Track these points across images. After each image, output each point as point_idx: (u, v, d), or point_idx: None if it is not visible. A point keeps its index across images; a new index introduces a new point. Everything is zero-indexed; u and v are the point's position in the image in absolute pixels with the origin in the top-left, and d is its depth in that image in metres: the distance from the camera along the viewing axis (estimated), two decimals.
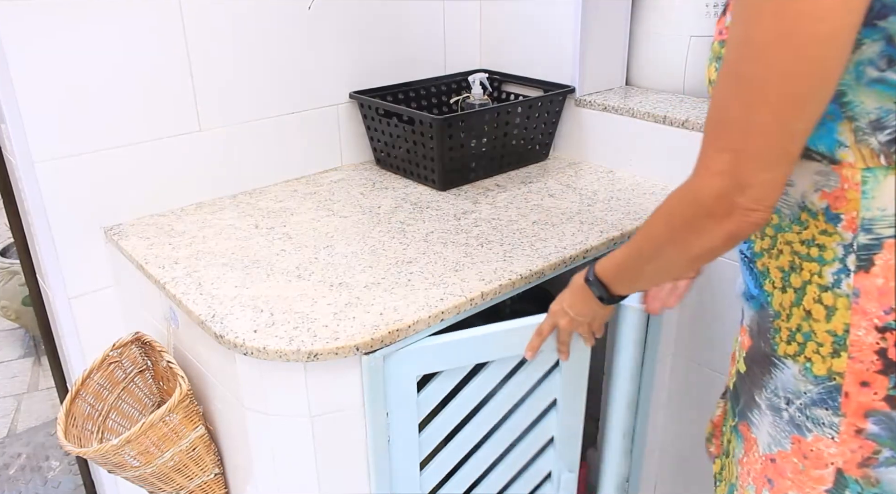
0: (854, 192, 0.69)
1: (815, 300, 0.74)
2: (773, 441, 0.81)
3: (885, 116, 0.66)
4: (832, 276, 0.72)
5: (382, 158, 1.59)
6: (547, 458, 1.23)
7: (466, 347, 1.05)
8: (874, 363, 0.70)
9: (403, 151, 1.50)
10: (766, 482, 0.83)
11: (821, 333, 0.74)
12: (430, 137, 1.40)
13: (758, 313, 0.83)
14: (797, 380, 0.77)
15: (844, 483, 0.75)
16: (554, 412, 1.19)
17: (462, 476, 1.16)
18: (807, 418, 0.77)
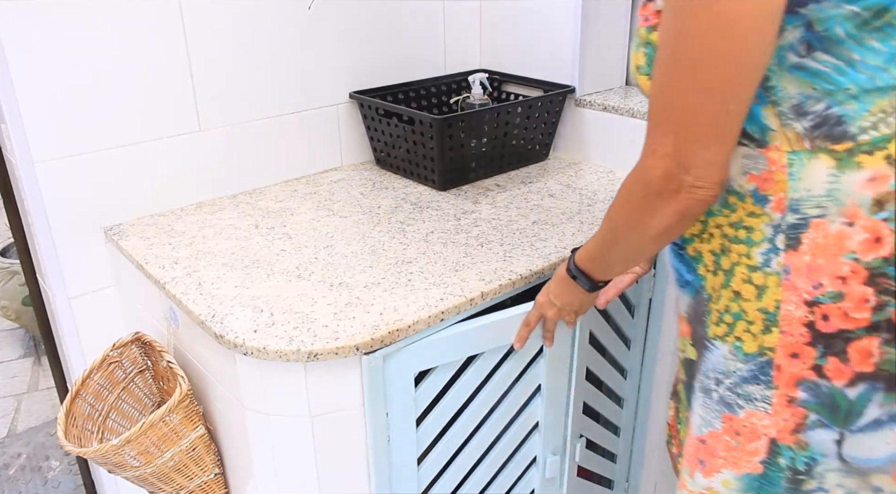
0: (781, 174, 0.72)
1: (745, 281, 0.77)
2: (703, 422, 0.85)
3: (804, 101, 0.69)
4: (761, 256, 0.75)
5: (382, 158, 1.58)
6: (533, 443, 1.24)
7: (460, 340, 1.05)
8: (803, 335, 0.74)
9: (403, 152, 1.49)
10: (697, 463, 0.86)
11: (752, 312, 0.77)
12: (430, 137, 1.40)
13: (693, 298, 0.86)
14: (727, 360, 0.80)
15: (778, 450, 0.79)
16: (539, 397, 1.20)
17: (457, 466, 1.16)
18: (738, 395, 0.80)
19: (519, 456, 1.23)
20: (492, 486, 1.22)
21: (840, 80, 0.67)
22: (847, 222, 0.70)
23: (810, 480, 0.79)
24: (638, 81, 0.81)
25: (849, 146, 0.69)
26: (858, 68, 0.67)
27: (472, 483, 1.19)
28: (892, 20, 0.65)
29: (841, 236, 0.70)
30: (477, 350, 1.08)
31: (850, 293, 0.71)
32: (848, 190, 0.69)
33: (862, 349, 0.72)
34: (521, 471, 1.26)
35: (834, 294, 0.72)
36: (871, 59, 0.66)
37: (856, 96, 0.68)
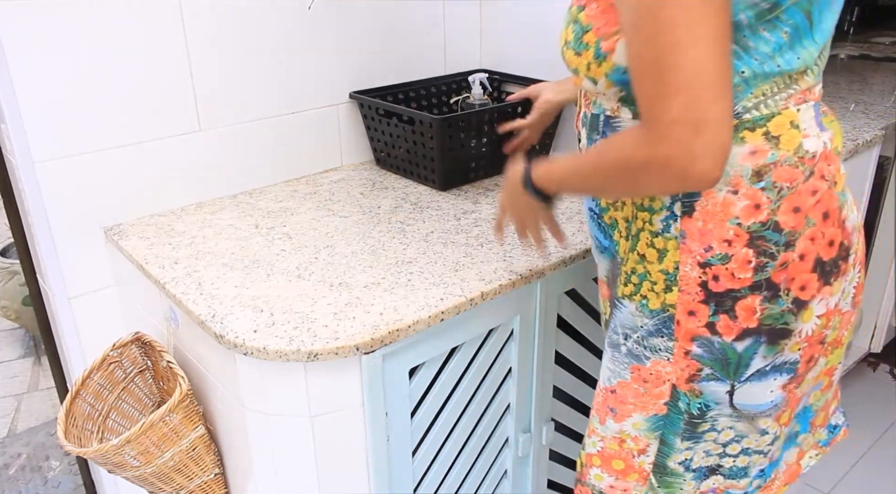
0: None
1: (648, 245, 0.85)
2: (612, 374, 0.94)
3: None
4: (661, 222, 0.83)
5: (382, 158, 1.58)
6: (505, 425, 1.27)
7: (446, 332, 1.07)
8: (698, 294, 0.82)
9: (403, 152, 1.49)
10: (608, 411, 0.96)
11: (654, 273, 0.85)
12: (430, 137, 1.39)
13: (611, 261, 0.95)
14: (634, 316, 0.89)
15: (677, 395, 0.88)
16: (510, 380, 1.23)
17: (444, 456, 1.17)
18: (645, 347, 0.89)
19: (494, 440, 1.26)
20: (472, 470, 1.24)
21: (736, 64, 0.74)
22: (732, 191, 0.78)
23: (704, 423, 0.89)
24: (565, 55, 0.85)
25: (734, 123, 0.76)
26: (752, 54, 0.74)
27: (456, 470, 1.20)
28: (781, 15, 0.72)
29: (727, 202, 0.78)
30: (462, 340, 1.10)
31: (735, 255, 0.79)
32: (732, 162, 0.77)
33: (747, 307, 0.81)
34: (496, 453, 1.28)
35: (722, 256, 0.80)
36: (762, 47, 0.73)
37: (746, 80, 0.75)
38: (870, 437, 2.09)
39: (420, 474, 1.14)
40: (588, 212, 0.97)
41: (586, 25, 0.79)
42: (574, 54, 0.82)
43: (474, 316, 1.09)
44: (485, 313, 1.10)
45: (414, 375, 1.06)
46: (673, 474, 0.94)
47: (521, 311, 1.17)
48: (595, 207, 0.94)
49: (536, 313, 1.19)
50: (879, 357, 2.39)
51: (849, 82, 2.18)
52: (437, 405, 1.12)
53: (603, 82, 0.81)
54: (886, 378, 2.37)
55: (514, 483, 1.32)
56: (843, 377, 2.21)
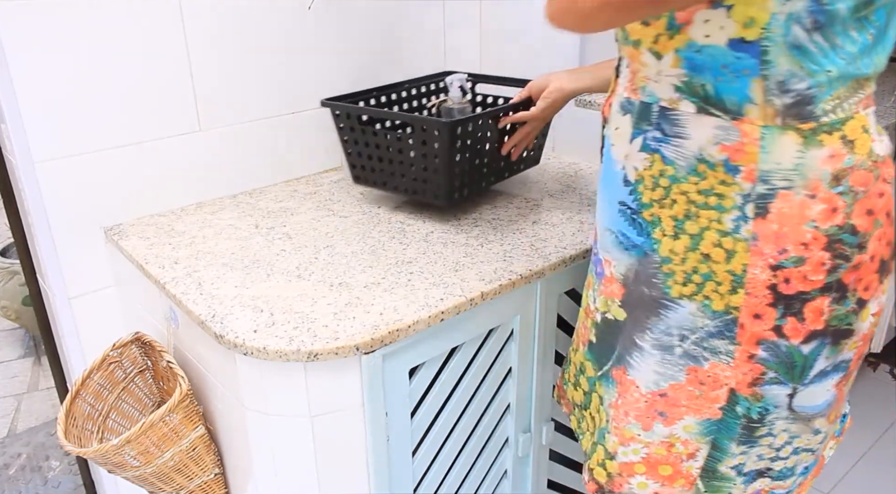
0: (753, 146, 0.76)
1: (715, 245, 0.81)
2: (661, 377, 0.90)
3: (789, 79, 0.73)
4: (731, 222, 0.79)
5: (363, 174, 1.37)
6: (505, 425, 1.26)
7: (447, 332, 1.06)
8: (766, 297, 0.80)
9: (398, 164, 1.30)
10: (655, 415, 0.91)
11: (721, 273, 0.81)
12: (434, 145, 1.22)
13: (639, 260, 0.89)
14: (694, 317, 0.85)
15: (735, 399, 0.86)
16: (510, 380, 1.22)
17: (444, 456, 1.17)
18: (704, 349, 0.85)
19: (494, 440, 1.26)
20: (472, 470, 1.24)
21: (824, 62, 0.72)
22: (809, 195, 0.76)
23: (762, 427, 0.87)
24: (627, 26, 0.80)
25: (812, 126, 0.74)
26: (839, 54, 0.72)
27: (456, 470, 1.20)
28: (870, 14, 0.71)
29: (803, 205, 0.76)
30: (462, 340, 1.10)
31: (810, 258, 0.77)
32: (811, 165, 0.75)
33: (815, 309, 0.80)
34: (496, 453, 1.28)
35: (796, 259, 0.78)
36: (849, 46, 0.72)
37: (830, 80, 0.73)
38: (870, 437, 2.09)
39: (420, 474, 1.14)
40: (617, 206, 0.90)
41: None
42: (640, 22, 0.77)
43: (474, 316, 1.09)
44: (485, 313, 1.10)
45: (414, 375, 1.06)
46: (723, 478, 0.92)
47: (521, 311, 1.17)
48: (632, 202, 0.88)
49: (536, 313, 1.19)
50: (879, 357, 2.39)
51: None
52: (437, 405, 1.12)
53: (669, 59, 0.77)
54: (886, 378, 2.37)
55: (514, 483, 1.32)
56: None
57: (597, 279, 0.98)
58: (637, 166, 0.85)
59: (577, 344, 1.08)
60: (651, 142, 0.83)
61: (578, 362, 1.07)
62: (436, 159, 1.22)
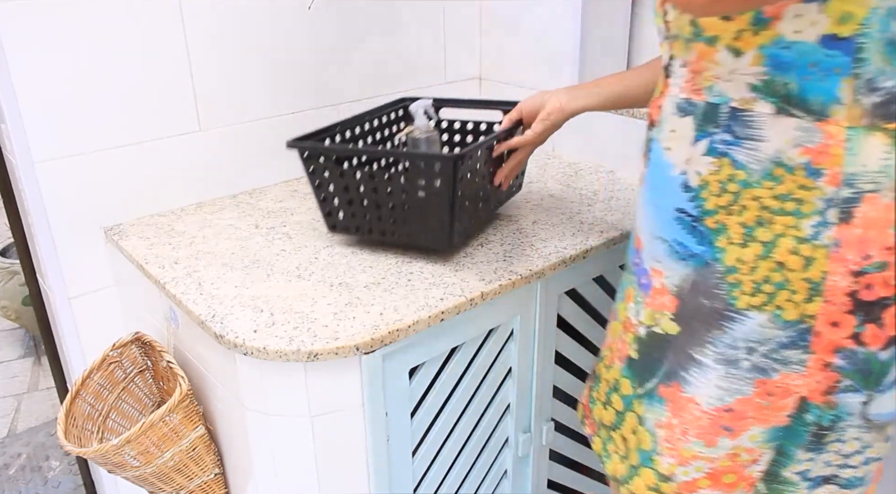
0: (838, 148, 0.72)
1: (791, 252, 0.77)
2: (726, 393, 0.85)
3: (877, 76, 0.69)
4: (811, 228, 0.75)
5: (341, 222, 1.18)
6: (505, 425, 1.26)
7: (447, 332, 1.06)
8: (845, 304, 0.76)
9: (389, 209, 1.12)
10: (721, 431, 0.87)
11: (797, 281, 0.77)
12: (434, 183, 1.06)
13: (698, 270, 0.84)
14: (763, 328, 0.81)
15: (806, 408, 0.82)
16: (510, 380, 1.22)
17: (444, 456, 1.17)
18: (774, 360, 0.81)
19: (493, 440, 1.26)
20: (472, 470, 1.24)
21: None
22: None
23: (832, 434, 0.83)
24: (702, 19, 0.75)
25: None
26: None
27: (456, 470, 1.20)
28: None
29: (889, 209, 0.72)
30: (462, 340, 1.10)
31: (893, 262, 0.74)
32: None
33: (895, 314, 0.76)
34: (496, 453, 1.28)
35: (880, 264, 0.74)
36: None
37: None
38: None
39: (420, 474, 1.14)
40: (674, 213, 0.85)
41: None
42: (720, 18, 0.72)
43: (474, 316, 1.09)
44: (485, 313, 1.10)
45: (414, 375, 1.06)
46: (786, 482, 0.88)
47: (521, 311, 1.17)
48: (693, 209, 0.82)
49: (536, 313, 1.19)
50: None
51: None
52: (437, 405, 1.12)
53: (750, 56, 0.73)
54: None
55: (514, 483, 1.32)
56: None
57: (641, 291, 0.93)
58: (701, 171, 0.80)
59: (612, 360, 1.02)
60: (719, 145, 0.78)
61: (612, 379, 1.01)
62: (435, 199, 1.07)
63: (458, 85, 1.75)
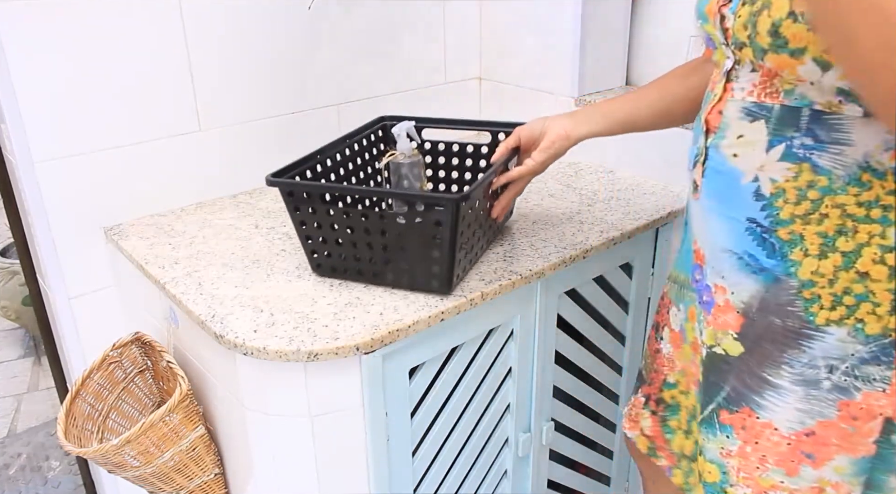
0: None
1: (876, 261, 0.74)
2: (806, 415, 0.81)
3: None
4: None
5: (329, 263, 1.09)
6: (505, 425, 1.26)
7: (447, 332, 1.06)
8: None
9: (382, 250, 1.04)
10: (803, 458, 0.82)
11: (880, 293, 0.74)
12: (435, 223, 0.98)
13: (767, 286, 0.80)
14: (844, 344, 0.77)
15: (892, 428, 0.77)
16: (510, 380, 1.22)
17: (444, 456, 1.17)
18: (855, 378, 0.77)
19: (493, 440, 1.25)
20: (472, 470, 1.23)
21: None
22: None
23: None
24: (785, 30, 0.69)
25: None
26: None
27: (456, 470, 1.20)
28: None
29: None
30: (462, 340, 1.10)
31: None
32: None
33: None
34: (496, 453, 1.28)
35: None
36: None
37: None
38: None
39: (420, 474, 1.14)
40: (745, 224, 0.80)
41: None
42: (807, 28, 0.67)
43: (474, 316, 1.09)
44: (485, 313, 1.10)
45: (414, 375, 1.06)
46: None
47: (521, 311, 1.17)
48: (764, 218, 0.78)
49: (536, 313, 1.19)
50: None
51: None
52: (437, 405, 1.12)
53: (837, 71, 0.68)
54: None
55: (514, 483, 1.33)
56: None
57: (703, 309, 0.89)
58: (776, 178, 0.77)
59: (688, 386, 0.98)
60: (798, 150, 0.75)
61: (690, 406, 0.98)
62: (435, 241, 0.99)
63: (458, 85, 1.75)
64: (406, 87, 1.66)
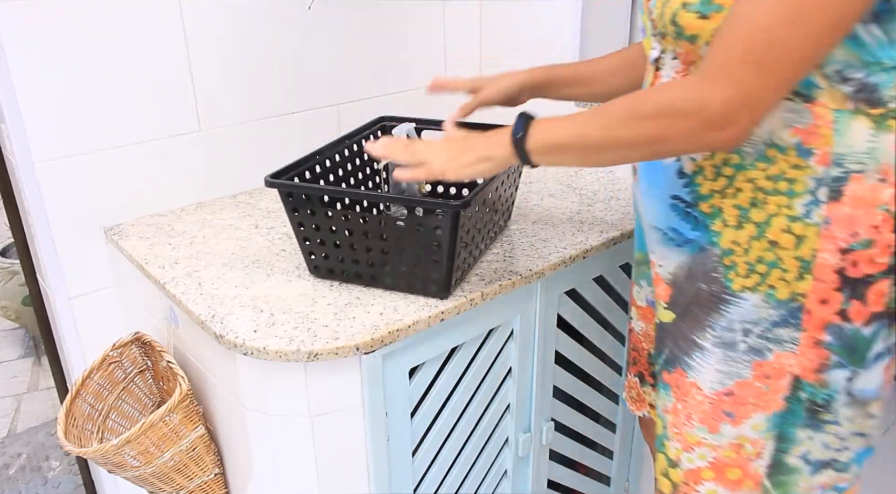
0: (827, 129, 0.75)
1: (784, 231, 0.80)
2: (725, 376, 0.88)
3: (845, 68, 0.73)
4: (803, 207, 0.78)
5: (327, 265, 1.09)
6: (505, 425, 1.26)
7: (447, 332, 1.06)
8: (833, 281, 0.80)
9: (381, 254, 1.04)
10: (723, 417, 0.89)
11: (788, 260, 0.81)
12: (436, 230, 0.98)
13: (693, 256, 0.87)
14: (758, 309, 0.84)
15: (799, 386, 0.85)
16: (510, 380, 1.22)
17: (444, 456, 1.17)
18: (768, 340, 0.84)
19: (493, 440, 1.26)
20: (472, 470, 1.23)
21: (879, 54, 0.73)
22: (881, 178, 0.76)
23: (827, 413, 0.86)
24: (680, 19, 0.78)
25: (882, 111, 0.75)
26: (894, 45, 0.72)
27: (456, 470, 1.20)
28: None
29: (875, 189, 0.76)
30: (462, 340, 1.10)
31: (878, 241, 0.78)
32: (883, 150, 0.75)
33: (878, 291, 0.80)
34: (496, 453, 1.28)
35: (866, 242, 0.78)
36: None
37: (887, 69, 0.73)
38: None
39: (420, 474, 1.14)
40: (669, 201, 0.88)
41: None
42: (697, 17, 0.76)
43: (474, 316, 1.09)
44: (485, 313, 1.10)
45: (414, 375, 1.06)
46: (790, 471, 0.90)
47: (521, 311, 1.17)
48: (687, 194, 0.85)
49: (536, 313, 1.19)
50: None
51: None
52: (437, 405, 1.12)
53: None
54: None
55: (514, 483, 1.33)
56: None
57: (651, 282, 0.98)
58: (695, 157, 0.83)
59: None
60: None
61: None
62: (434, 245, 0.99)
63: None
64: (406, 87, 1.66)
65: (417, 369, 1.07)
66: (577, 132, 0.81)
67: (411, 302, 1.03)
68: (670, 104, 0.74)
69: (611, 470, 1.53)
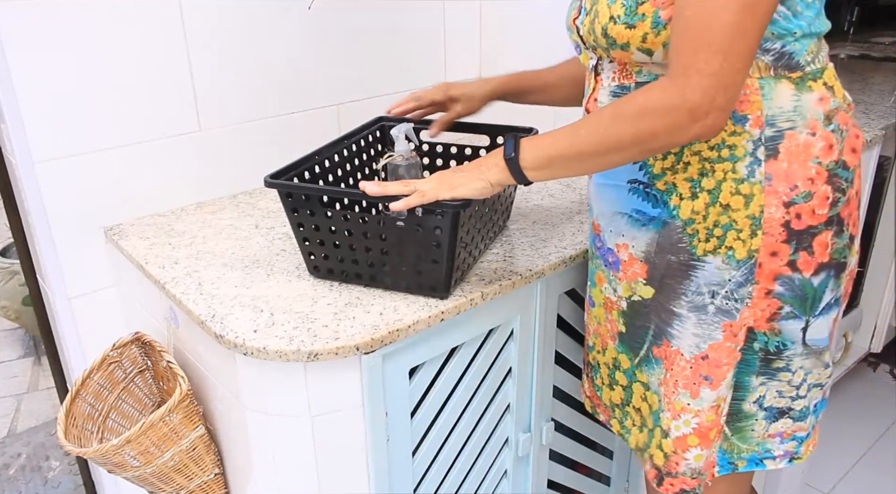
0: (755, 95, 0.84)
1: (733, 193, 0.87)
2: (700, 339, 0.94)
3: (764, 42, 0.82)
4: (745, 168, 0.86)
5: (327, 265, 1.08)
6: (505, 425, 1.26)
7: (447, 332, 1.06)
8: (780, 234, 0.87)
9: (381, 254, 1.04)
10: (702, 380, 0.95)
11: (741, 219, 0.88)
12: (435, 229, 0.98)
13: (659, 231, 0.94)
14: (720, 270, 0.90)
15: (754, 336, 0.92)
16: (510, 380, 1.22)
17: (444, 456, 1.17)
18: (735, 300, 0.90)
19: (493, 440, 1.25)
20: (472, 470, 1.23)
21: (789, 26, 0.82)
22: (811, 133, 0.85)
23: (779, 360, 0.94)
24: (610, 31, 0.86)
25: (800, 74, 0.85)
26: (800, 18, 0.83)
27: (456, 470, 1.20)
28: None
29: (807, 144, 0.86)
30: (462, 340, 1.10)
31: (816, 192, 0.86)
32: (807, 106, 0.85)
33: (822, 242, 0.88)
34: (496, 453, 1.28)
35: (805, 194, 0.86)
36: (807, 12, 0.83)
37: (798, 39, 0.84)
38: (870, 437, 2.09)
39: (420, 474, 1.14)
40: (627, 186, 0.95)
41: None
42: (626, 28, 0.85)
43: (474, 316, 1.09)
44: (485, 313, 1.10)
45: (414, 375, 1.06)
46: (746, 417, 0.97)
47: (521, 311, 1.17)
48: (643, 176, 0.93)
49: (536, 313, 1.19)
50: (879, 357, 2.39)
51: (849, 82, 2.18)
52: (437, 405, 1.12)
53: (661, 52, 0.84)
54: (886, 378, 2.37)
55: (514, 483, 1.33)
56: (843, 377, 2.21)
57: (611, 270, 1.02)
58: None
59: (604, 343, 1.09)
60: None
61: (609, 360, 1.09)
62: (434, 246, 1.00)
63: None
64: (406, 87, 1.66)
65: (417, 369, 1.06)
66: (568, 142, 0.87)
67: (411, 302, 1.03)
68: (652, 103, 0.80)
69: (611, 470, 1.53)
